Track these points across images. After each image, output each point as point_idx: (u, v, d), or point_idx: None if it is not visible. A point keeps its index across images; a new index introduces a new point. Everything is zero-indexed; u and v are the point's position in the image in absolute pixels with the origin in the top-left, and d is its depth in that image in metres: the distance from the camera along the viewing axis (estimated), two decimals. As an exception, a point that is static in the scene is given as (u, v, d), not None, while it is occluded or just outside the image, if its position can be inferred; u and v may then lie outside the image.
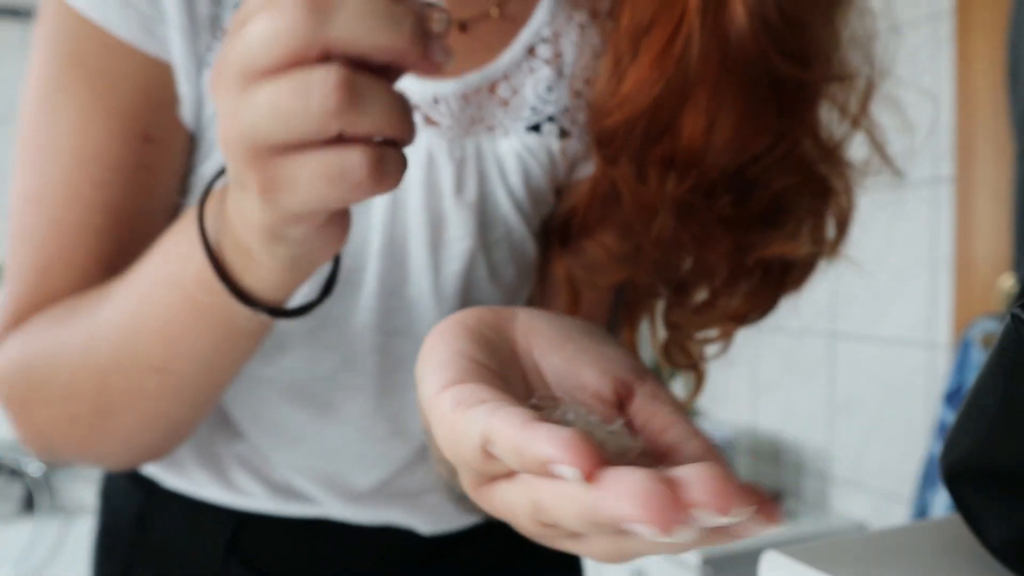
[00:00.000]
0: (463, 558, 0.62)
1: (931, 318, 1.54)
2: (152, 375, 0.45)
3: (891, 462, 1.63)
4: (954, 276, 1.49)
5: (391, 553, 0.60)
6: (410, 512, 0.59)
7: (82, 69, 0.50)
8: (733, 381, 2.07)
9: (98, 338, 0.46)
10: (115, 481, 0.64)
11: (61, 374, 0.47)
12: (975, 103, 1.45)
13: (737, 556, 1.53)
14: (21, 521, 2.34)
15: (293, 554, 0.59)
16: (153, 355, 0.45)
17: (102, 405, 0.47)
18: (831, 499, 1.77)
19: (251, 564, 0.59)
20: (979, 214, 1.45)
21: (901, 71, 1.65)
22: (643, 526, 0.23)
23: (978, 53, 1.44)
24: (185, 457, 0.58)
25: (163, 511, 0.60)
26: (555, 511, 0.26)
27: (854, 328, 1.71)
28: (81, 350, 0.46)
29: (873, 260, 1.67)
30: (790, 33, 0.48)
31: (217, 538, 0.59)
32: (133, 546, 0.61)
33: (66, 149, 0.51)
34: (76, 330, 0.47)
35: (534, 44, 0.55)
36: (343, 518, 0.59)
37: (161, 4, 0.47)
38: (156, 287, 0.43)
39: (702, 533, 0.24)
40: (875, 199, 1.85)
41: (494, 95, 0.53)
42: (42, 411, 0.49)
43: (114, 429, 0.48)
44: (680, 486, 0.23)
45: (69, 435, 0.49)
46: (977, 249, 1.45)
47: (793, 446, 1.87)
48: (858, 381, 1.70)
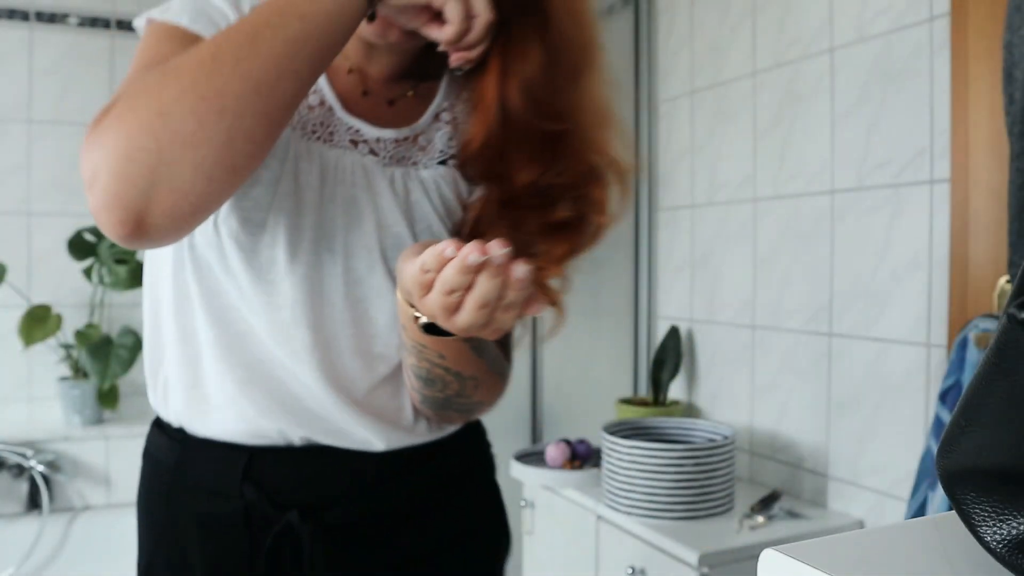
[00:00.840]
0: (408, 480, 0.89)
1: (928, 318, 1.55)
2: (291, 27, 0.66)
3: (889, 461, 1.63)
4: (950, 276, 1.50)
5: (358, 471, 0.86)
6: (373, 428, 0.85)
7: (162, 55, 0.73)
8: (731, 380, 2.07)
9: (225, 37, 0.66)
10: (156, 441, 0.89)
11: (194, 61, 0.65)
12: (971, 104, 1.45)
13: (737, 555, 1.53)
14: (25, 520, 2.35)
15: (290, 475, 0.84)
16: (270, 45, 0.66)
17: (230, 66, 0.64)
18: (829, 498, 1.78)
19: (260, 485, 0.83)
20: (975, 214, 1.45)
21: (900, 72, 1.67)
22: (475, 256, 0.60)
23: (974, 55, 1.45)
24: (210, 407, 0.83)
25: (195, 456, 0.85)
26: (449, 279, 0.62)
27: (851, 328, 1.72)
28: (217, 37, 0.67)
29: (870, 260, 1.68)
30: (548, 104, 0.82)
31: (236, 468, 0.83)
32: (173, 485, 0.86)
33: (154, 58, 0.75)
34: (202, 46, 0.67)
35: (438, 112, 0.90)
36: (326, 443, 0.84)
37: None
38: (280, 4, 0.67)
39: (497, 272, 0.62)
40: (874, 200, 1.86)
41: (416, 143, 0.88)
42: (171, 87, 0.64)
43: (228, 85, 0.64)
44: None
45: (198, 133, 0.63)
46: (973, 249, 1.45)
47: (791, 445, 1.88)
48: (856, 380, 1.71)
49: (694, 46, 2.20)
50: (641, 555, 1.65)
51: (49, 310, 2.43)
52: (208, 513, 0.84)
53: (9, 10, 2.53)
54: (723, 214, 2.10)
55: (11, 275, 2.47)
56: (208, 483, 0.84)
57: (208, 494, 0.84)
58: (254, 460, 0.83)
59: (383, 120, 0.88)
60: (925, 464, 1.25)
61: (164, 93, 0.64)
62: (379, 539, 0.88)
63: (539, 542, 2.04)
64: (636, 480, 1.67)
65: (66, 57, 2.59)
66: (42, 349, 2.49)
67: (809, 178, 1.83)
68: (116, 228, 0.66)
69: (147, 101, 0.64)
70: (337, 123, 0.84)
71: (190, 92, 0.63)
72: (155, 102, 0.63)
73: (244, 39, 0.65)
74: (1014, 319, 0.37)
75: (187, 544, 0.85)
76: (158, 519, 0.88)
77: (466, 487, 0.97)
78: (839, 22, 1.74)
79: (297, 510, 0.83)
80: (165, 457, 0.87)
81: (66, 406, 2.48)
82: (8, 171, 2.55)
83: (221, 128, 0.64)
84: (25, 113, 2.56)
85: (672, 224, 2.30)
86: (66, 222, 2.56)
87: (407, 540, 0.90)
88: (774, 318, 1.93)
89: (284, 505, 0.83)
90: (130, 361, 2.40)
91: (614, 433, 1.81)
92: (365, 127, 0.86)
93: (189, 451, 0.85)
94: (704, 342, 2.18)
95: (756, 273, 1.99)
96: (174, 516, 0.86)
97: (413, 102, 0.90)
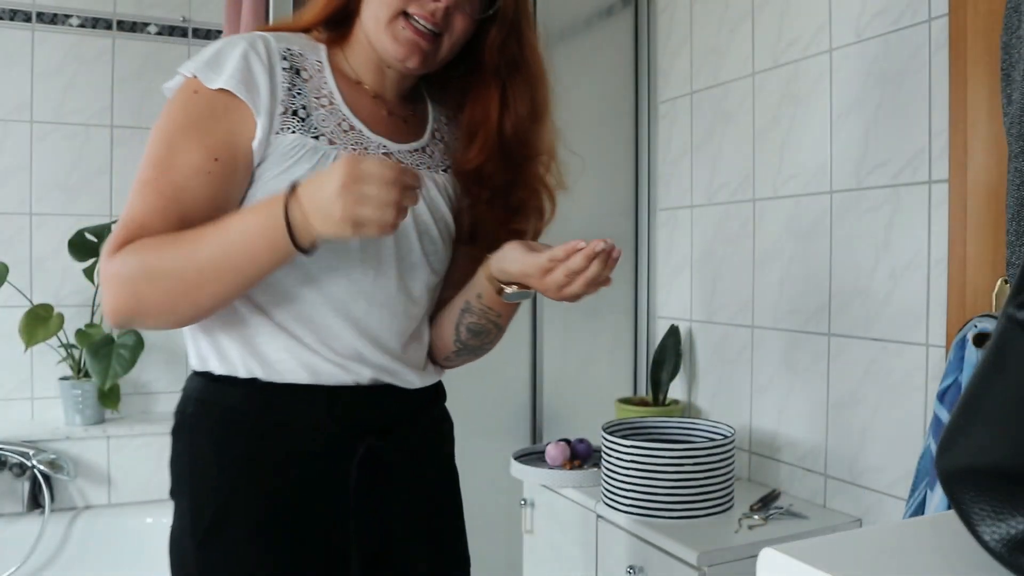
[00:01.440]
0: (428, 408, 1.16)
1: (926, 318, 1.56)
2: (228, 271, 0.91)
3: (887, 461, 1.64)
4: (949, 276, 1.50)
5: (405, 402, 1.09)
6: (410, 371, 1.08)
7: (191, 120, 0.96)
8: (731, 380, 2.08)
9: (199, 248, 0.91)
10: (220, 392, 1.01)
11: (169, 265, 0.91)
12: (970, 105, 1.46)
13: (736, 554, 1.54)
14: (26, 519, 2.35)
15: (354, 406, 1.03)
16: (232, 260, 0.90)
17: (192, 285, 0.91)
18: (828, 497, 1.78)
19: (339, 419, 1.02)
20: (974, 215, 1.46)
21: (899, 72, 1.68)
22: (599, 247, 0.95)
23: (973, 56, 1.45)
24: (287, 368, 1.00)
25: (277, 400, 1.00)
26: (576, 263, 0.95)
27: (850, 328, 1.72)
28: (187, 254, 0.91)
29: (869, 260, 1.68)
30: (526, 136, 1.12)
31: (320, 406, 1.01)
32: (253, 427, 1.00)
33: (172, 159, 0.95)
34: (181, 245, 0.91)
35: (434, 130, 1.15)
36: (387, 381, 1.06)
37: (258, 86, 0.97)
38: (247, 224, 0.91)
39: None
40: (872, 200, 1.87)
41: (424, 154, 1.12)
42: (149, 288, 0.91)
43: (195, 299, 0.92)
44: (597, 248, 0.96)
45: (163, 303, 0.93)
46: (971, 249, 1.46)
47: (790, 444, 1.88)
48: (855, 380, 1.71)
49: (694, 46, 2.20)
50: (640, 554, 1.65)
51: (51, 310, 2.44)
52: (294, 448, 1.00)
53: (11, 11, 2.53)
54: (722, 214, 2.10)
55: (13, 275, 2.47)
56: (293, 421, 1.00)
57: (292, 431, 1.00)
58: (333, 398, 1.01)
59: (400, 136, 1.09)
60: (924, 464, 1.25)
61: (138, 289, 0.92)
62: (420, 449, 1.12)
63: (539, 541, 2.04)
64: (635, 479, 1.67)
65: (67, 58, 2.59)
66: (44, 349, 2.49)
67: (808, 178, 1.83)
68: (113, 325, 0.96)
69: (127, 290, 0.92)
70: (368, 141, 1.04)
71: (153, 294, 0.92)
72: (132, 295, 0.92)
73: (207, 276, 0.91)
74: (1012, 319, 0.38)
75: (273, 477, 0.99)
76: (236, 460, 0.99)
77: (446, 417, 1.23)
78: (838, 23, 1.75)
79: (373, 434, 1.04)
80: (239, 404, 1.00)
81: (67, 406, 2.49)
82: (10, 171, 2.55)
83: (172, 311, 0.94)
84: (27, 113, 2.56)
85: (672, 224, 2.31)
86: (67, 222, 2.56)
87: (428, 448, 1.15)
88: (773, 318, 1.94)
89: (359, 433, 1.03)
90: (131, 361, 2.40)
91: (614, 433, 1.82)
92: (389, 143, 1.07)
93: (269, 396, 0.99)
94: (703, 342, 2.18)
95: (755, 273, 1.99)
96: (256, 454, 0.99)
97: (415, 120, 1.14)
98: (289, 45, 1.03)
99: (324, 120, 1.01)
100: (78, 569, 2.35)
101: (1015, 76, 1.13)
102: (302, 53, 1.04)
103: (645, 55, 2.35)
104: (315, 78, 1.03)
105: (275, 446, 0.99)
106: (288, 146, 0.97)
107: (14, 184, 2.55)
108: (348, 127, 1.02)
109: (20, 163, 2.55)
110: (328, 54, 1.07)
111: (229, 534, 0.98)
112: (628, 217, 2.38)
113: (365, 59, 1.07)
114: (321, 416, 1.00)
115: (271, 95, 0.97)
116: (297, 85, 1.00)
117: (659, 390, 2.14)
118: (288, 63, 1.01)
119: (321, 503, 1.00)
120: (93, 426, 2.48)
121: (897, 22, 1.61)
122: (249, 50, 0.98)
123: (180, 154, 0.94)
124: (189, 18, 2.72)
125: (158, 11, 2.69)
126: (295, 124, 0.98)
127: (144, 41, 2.68)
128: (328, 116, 1.01)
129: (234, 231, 0.90)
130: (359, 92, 1.06)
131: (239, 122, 0.96)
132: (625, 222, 2.38)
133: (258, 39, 1.00)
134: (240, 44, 0.98)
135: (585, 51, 2.39)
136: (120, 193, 2.64)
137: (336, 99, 1.03)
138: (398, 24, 1.00)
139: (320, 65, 1.05)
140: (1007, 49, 1.16)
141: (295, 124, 0.98)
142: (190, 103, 0.96)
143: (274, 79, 0.98)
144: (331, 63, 1.06)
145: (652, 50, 2.36)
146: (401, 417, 1.08)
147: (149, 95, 2.68)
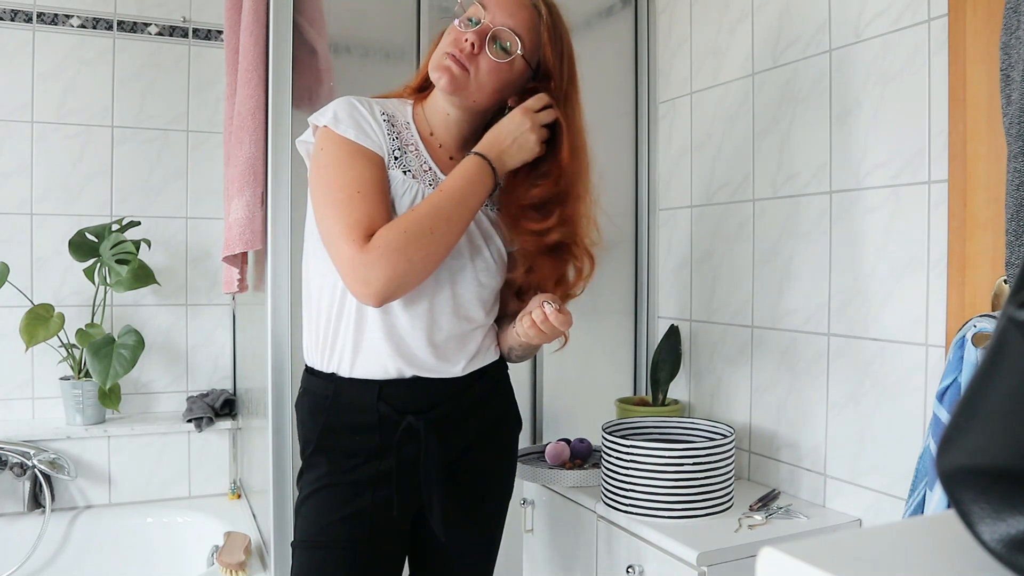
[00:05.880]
0: (472, 392, 1.42)
1: (926, 318, 1.56)
2: (467, 212, 1.29)
3: (887, 460, 1.64)
4: (948, 276, 1.50)
5: (442, 388, 1.37)
6: (455, 362, 1.38)
7: (349, 154, 1.30)
8: (730, 380, 2.08)
9: (439, 207, 1.26)
10: (314, 382, 1.39)
11: (427, 225, 1.24)
12: (969, 105, 1.46)
13: (736, 554, 1.54)
14: (27, 519, 2.35)
15: (405, 395, 1.35)
16: (467, 203, 1.29)
17: (444, 233, 1.26)
18: (828, 497, 1.78)
19: (389, 403, 1.34)
20: (973, 215, 1.46)
21: (898, 73, 1.69)
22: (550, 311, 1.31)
23: (972, 56, 1.45)
24: (361, 360, 1.34)
25: (346, 389, 1.35)
26: (546, 317, 1.31)
27: (850, 328, 1.72)
28: (432, 212, 1.25)
29: (869, 260, 1.68)
30: (561, 189, 1.40)
31: (374, 394, 1.34)
32: (332, 407, 1.35)
33: (354, 178, 1.28)
34: (421, 211, 1.25)
35: None
36: (424, 375, 1.35)
37: (376, 138, 1.32)
38: (465, 178, 1.30)
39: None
40: (872, 200, 1.86)
41: None
42: (416, 247, 1.22)
43: (448, 243, 1.27)
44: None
45: (427, 258, 1.25)
46: (971, 249, 1.46)
47: (790, 444, 1.89)
48: (854, 380, 1.71)
49: (693, 46, 2.21)
50: (640, 554, 1.66)
51: (51, 310, 2.44)
52: (355, 422, 1.35)
53: (11, 11, 2.53)
54: (722, 214, 2.10)
55: (14, 275, 2.47)
56: (356, 404, 1.35)
57: (356, 410, 1.35)
58: (383, 388, 1.34)
59: None
60: (923, 463, 1.25)
61: (409, 252, 1.22)
62: (458, 425, 1.40)
63: (539, 541, 2.05)
64: (635, 479, 1.68)
65: (68, 58, 2.59)
66: (44, 349, 2.50)
67: (807, 178, 1.83)
68: (369, 303, 1.25)
69: (399, 257, 1.21)
70: (439, 180, 1.36)
71: (420, 251, 1.23)
72: (404, 259, 1.22)
73: (441, 223, 1.25)
74: (1012, 319, 0.38)
75: (340, 440, 1.36)
76: (320, 427, 1.36)
77: (499, 393, 1.50)
78: (837, 23, 1.75)
79: (411, 414, 1.34)
80: (324, 391, 1.37)
81: (68, 406, 2.49)
82: (10, 172, 2.55)
83: (431, 262, 1.26)
84: (27, 114, 2.56)
85: (672, 224, 2.31)
86: (68, 222, 2.56)
87: (472, 425, 1.43)
88: (773, 318, 1.94)
89: (402, 412, 1.34)
90: (132, 361, 2.40)
91: (614, 432, 1.82)
92: None
93: (341, 386, 1.35)
94: (703, 341, 2.18)
95: (755, 273, 1.99)
96: (332, 423, 1.36)
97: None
98: (384, 108, 1.39)
99: (411, 162, 1.35)
100: (78, 569, 2.35)
101: (1014, 76, 1.13)
102: (393, 113, 1.39)
103: (645, 55, 2.36)
104: (404, 132, 1.37)
105: (344, 420, 1.35)
106: (397, 179, 1.33)
107: (15, 184, 2.55)
108: (427, 168, 1.36)
109: (21, 163, 2.55)
110: (412, 111, 1.41)
111: (314, 461, 1.38)
112: (628, 217, 2.38)
113: (433, 110, 1.40)
114: (373, 401, 1.34)
115: (384, 139, 1.34)
116: (392, 134, 1.35)
117: (659, 390, 2.15)
118: (385, 118, 1.36)
119: (374, 462, 1.35)
120: (94, 426, 2.48)
121: (897, 22, 1.61)
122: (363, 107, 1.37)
123: (359, 170, 1.28)
124: (189, 18, 2.72)
125: (158, 11, 2.69)
126: (394, 163, 1.34)
127: (145, 41, 2.68)
128: (414, 159, 1.35)
129: (457, 187, 1.28)
130: (431, 142, 1.40)
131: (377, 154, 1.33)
132: (625, 222, 2.38)
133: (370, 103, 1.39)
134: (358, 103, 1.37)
135: (585, 51, 2.39)
136: (120, 193, 2.64)
137: (420, 147, 1.37)
138: (442, 58, 1.34)
139: (407, 120, 1.39)
140: (1006, 49, 1.16)
141: (394, 163, 1.34)
142: (340, 144, 1.30)
143: (382, 128, 1.35)
144: (414, 118, 1.40)
145: (652, 50, 2.36)
146: (438, 400, 1.37)
147: (150, 95, 2.68)
